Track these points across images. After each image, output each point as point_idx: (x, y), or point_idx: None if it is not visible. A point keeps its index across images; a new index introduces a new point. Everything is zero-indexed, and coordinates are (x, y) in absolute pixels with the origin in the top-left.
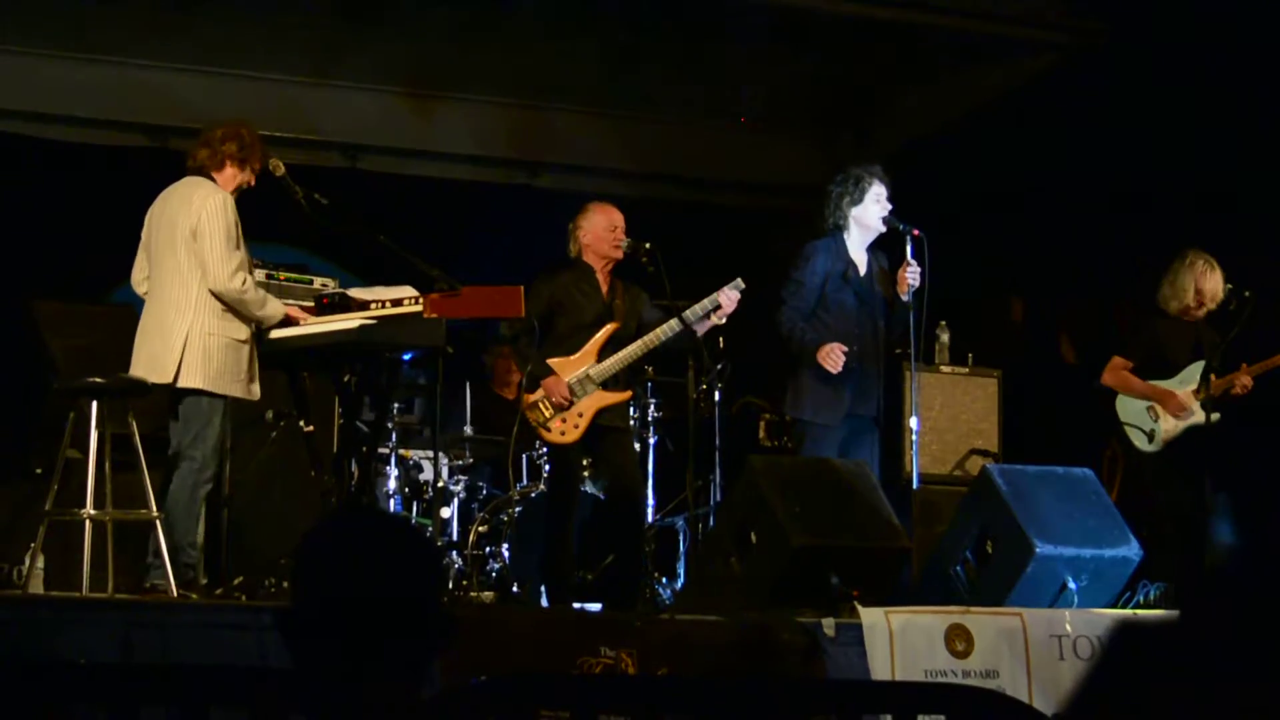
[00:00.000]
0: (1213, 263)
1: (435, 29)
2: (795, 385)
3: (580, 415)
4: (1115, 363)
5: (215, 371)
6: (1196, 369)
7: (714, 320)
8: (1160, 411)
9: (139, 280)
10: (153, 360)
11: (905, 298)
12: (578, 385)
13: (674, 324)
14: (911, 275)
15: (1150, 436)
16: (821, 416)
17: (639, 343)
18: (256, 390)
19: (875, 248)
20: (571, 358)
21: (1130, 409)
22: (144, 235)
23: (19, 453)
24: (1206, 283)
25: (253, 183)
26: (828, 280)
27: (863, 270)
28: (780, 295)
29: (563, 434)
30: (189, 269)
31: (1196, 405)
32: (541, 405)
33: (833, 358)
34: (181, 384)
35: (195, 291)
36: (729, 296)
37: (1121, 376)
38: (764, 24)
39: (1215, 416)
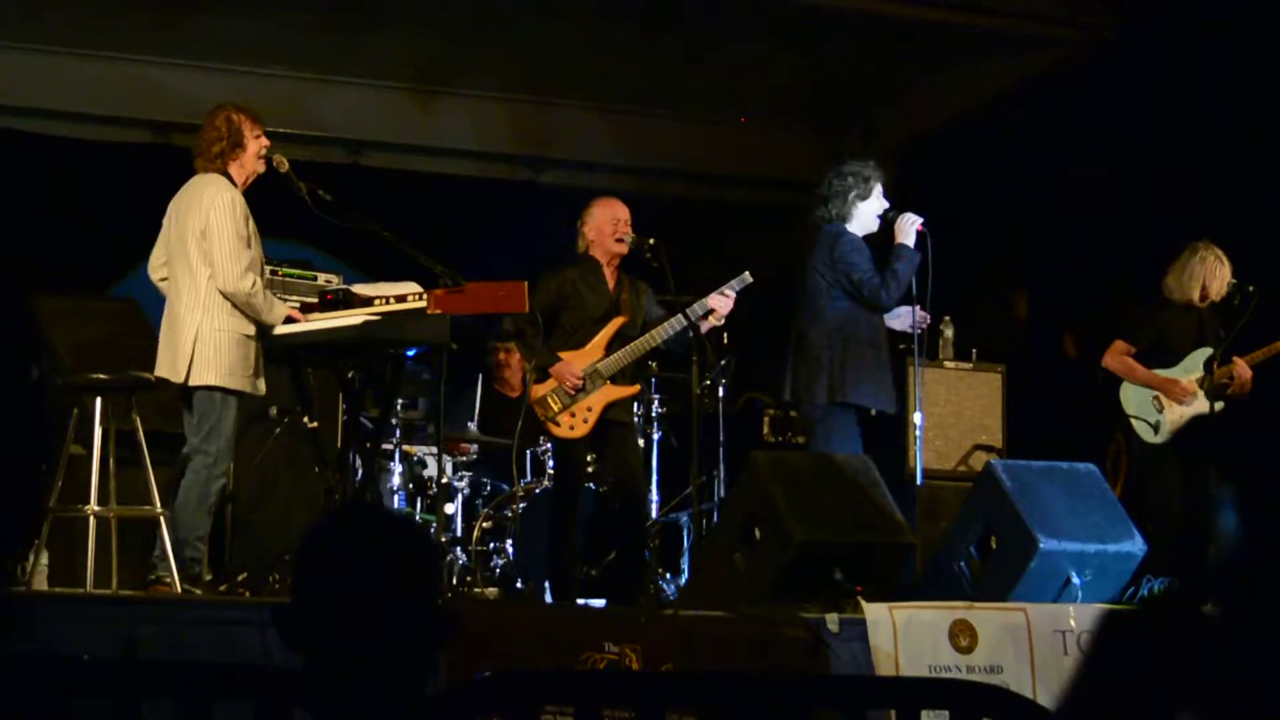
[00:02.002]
0: (1222, 257)
1: (438, 24)
2: (853, 369)
3: (589, 410)
4: (1117, 346)
5: (227, 368)
6: (1199, 356)
7: (711, 321)
8: (1165, 402)
9: (155, 267)
10: (168, 359)
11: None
12: (586, 379)
13: (679, 319)
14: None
15: (1156, 428)
16: (878, 402)
17: (645, 337)
18: (262, 386)
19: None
20: (579, 351)
21: (1135, 401)
22: (164, 225)
23: (24, 449)
24: (1214, 278)
25: (261, 167)
26: None
27: None
28: (872, 292)
29: (571, 429)
30: (199, 267)
31: (1200, 392)
32: (550, 399)
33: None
34: (194, 382)
35: (204, 289)
36: (722, 300)
37: (1124, 361)
38: (769, 19)
39: (1219, 406)
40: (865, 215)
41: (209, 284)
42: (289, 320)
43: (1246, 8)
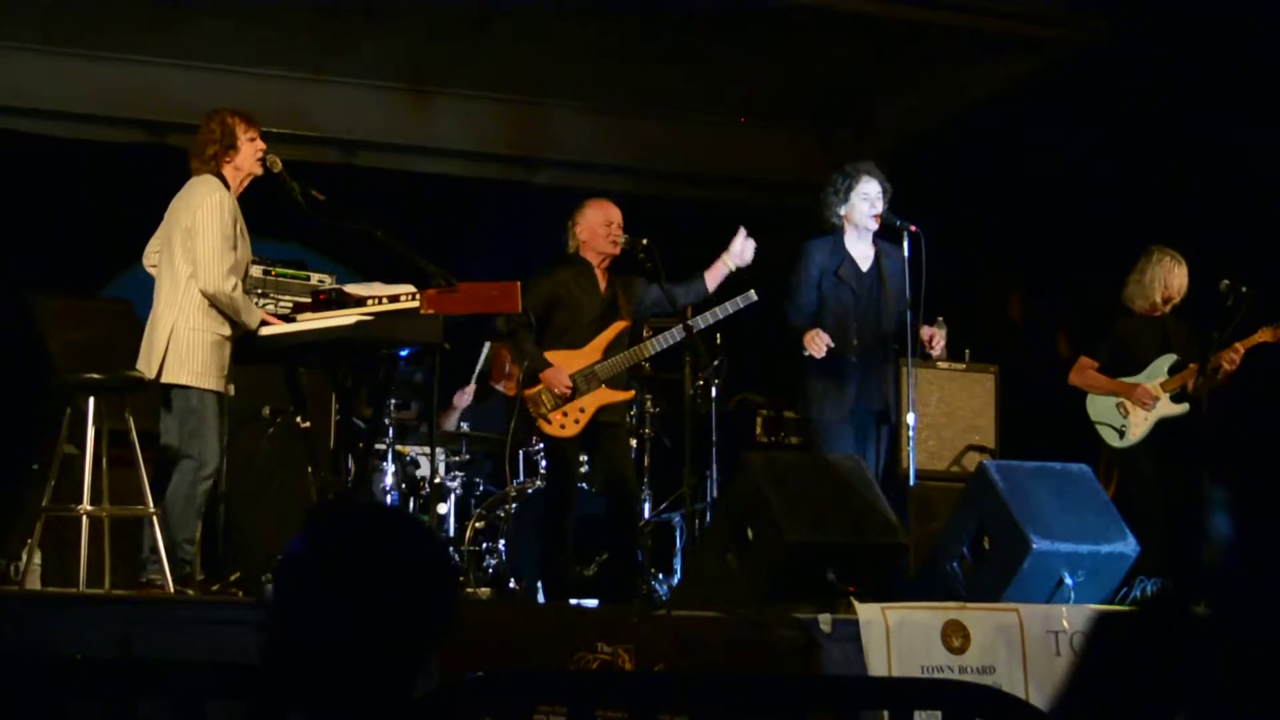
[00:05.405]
0: (1179, 258)
1: (432, 25)
2: (803, 385)
3: (582, 410)
4: (1082, 362)
5: (201, 367)
6: (1164, 363)
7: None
8: (1129, 407)
9: (149, 253)
10: (144, 355)
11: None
12: (581, 380)
13: (678, 330)
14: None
15: (1121, 433)
16: (828, 414)
17: (640, 346)
18: (231, 389)
19: (882, 240)
20: (576, 352)
21: (1099, 407)
22: (164, 220)
23: (17, 448)
24: (1174, 278)
25: (258, 169)
26: (824, 277)
27: (865, 266)
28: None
29: (562, 427)
30: (181, 265)
31: (1165, 396)
32: (543, 396)
33: (815, 343)
34: (165, 379)
35: (183, 288)
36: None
37: (1087, 376)
38: (763, 19)
39: (1185, 408)
40: (855, 215)
41: (188, 283)
42: (264, 324)
43: (1242, 7)
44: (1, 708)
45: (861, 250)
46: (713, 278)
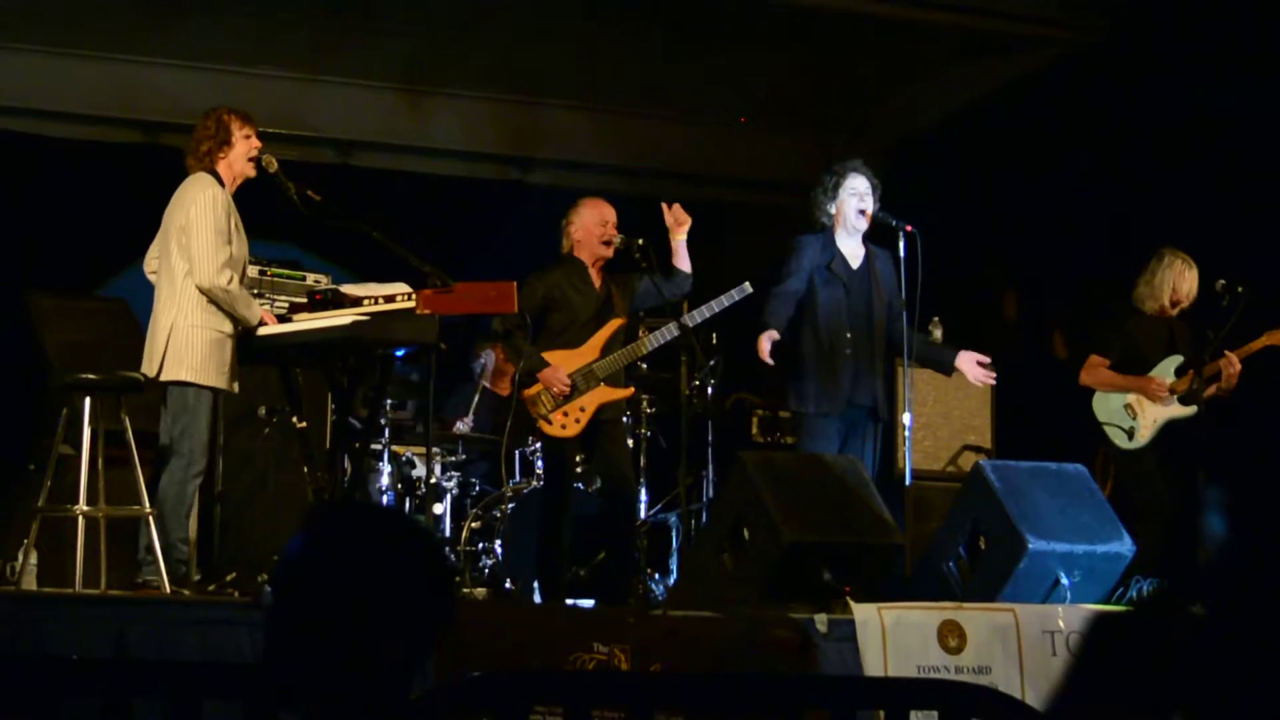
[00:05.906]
0: (1190, 262)
1: (427, 24)
2: (794, 379)
3: (582, 410)
4: (1092, 361)
5: (200, 363)
6: (1170, 364)
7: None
8: (1138, 407)
9: (149, 259)
10: (146, 354)
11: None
12: (581, 379)
13: (673, 327)
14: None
15: (1130, 434)
16: (821, 407)
17: (640, 342)
18: (236, 385)
19: (873, 240)
20: (574, 351)
21: (1108, 408)
22: (162, 222)
23: (13, 448)
24: (1184, 282)
25: (251, 170)
26: (815, 273)
27: (855, 264)
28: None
29: (564, 427)
30: (178, 263)
31: (1173, 397)
32: (542, 398)
33: (764, 347)
34: (165, 377)
35: (180, 285)
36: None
37: (1100, 374)
38: (759, 19)
39: (1193, 410)
40: (844, 210)
41: (185, 280)
42: (262, 324)
43: (1240, 7)
44: None
45: (852, 248)
46: (680, 260)
